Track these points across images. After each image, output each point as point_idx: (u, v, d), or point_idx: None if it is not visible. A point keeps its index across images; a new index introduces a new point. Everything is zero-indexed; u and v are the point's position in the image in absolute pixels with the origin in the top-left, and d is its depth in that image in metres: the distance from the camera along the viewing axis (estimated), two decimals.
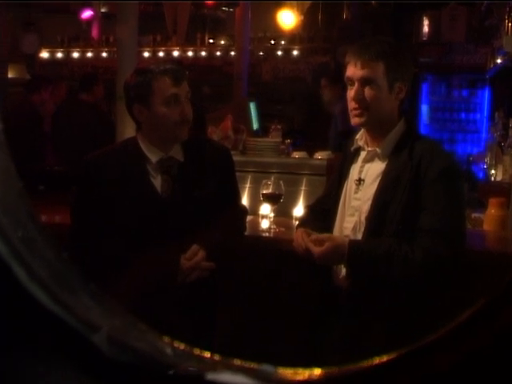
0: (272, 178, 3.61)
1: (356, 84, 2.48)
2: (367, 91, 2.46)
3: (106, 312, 0.62)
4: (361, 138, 2.60)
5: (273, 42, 10.63)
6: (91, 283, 0.63)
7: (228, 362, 0.58)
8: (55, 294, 0.58)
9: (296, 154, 4.66)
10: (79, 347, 0.57)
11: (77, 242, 2.65)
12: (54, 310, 0.57)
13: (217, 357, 0.59)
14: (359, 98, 2.47)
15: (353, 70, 2.48)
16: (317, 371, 0.55)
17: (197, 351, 0.60)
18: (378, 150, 2.52)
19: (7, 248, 0.57)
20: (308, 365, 0.59)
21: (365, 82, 2.46)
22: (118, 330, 0.60)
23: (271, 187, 3.53)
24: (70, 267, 0.63)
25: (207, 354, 0.59)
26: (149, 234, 2.59)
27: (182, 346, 0.60)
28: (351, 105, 2.51)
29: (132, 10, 5.86)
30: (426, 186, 2.41)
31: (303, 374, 0.55)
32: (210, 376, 0.55)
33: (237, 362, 0.58)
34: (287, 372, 0.57)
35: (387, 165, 2.50)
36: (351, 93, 2.50)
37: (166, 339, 0.60)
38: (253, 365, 0.58)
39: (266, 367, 0.57)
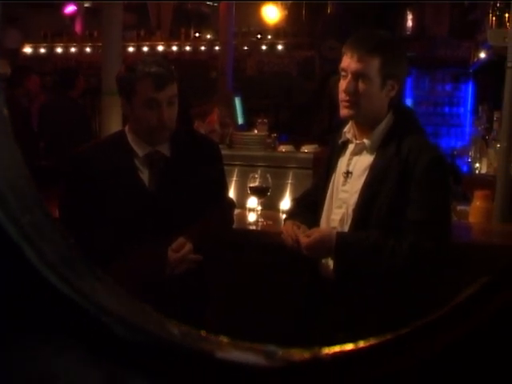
0: (259, 172, 3.62)
1: (349, 76, 2.47)
2: (359, 85, 2.46)
3: (113, 295, 0.63)
4: (349, 130, 2.61)
5: (259, 36, 10.61)
6: (97, 268, 0.64)
7: (234, 342, 0.60)
8: (65, 276, 0.59)
9: (282, 148, 4.66)
10: (90, 328, 0.58)
11: None
12: (66, 291, 0.58)
13: (223, 338, 0.60)
14: (351, 91, 2.47)
15: (348, 62, 2.48)
16: (321, 350, 0.56)
17: (203, 333, 0.61)
18: (366, 142, 2.53)
19: (17, 231, 0.58)
20: None
21: (358, 75, 2.46)
22: (126, 312, 0.61)
23: (258, 180, 3.54)
24: (76, 252, 0.64)
25: (214, 336, 0.61)
26: (137, 228, 2.59)
27: (188, 328, 0.61)
28: (342, 96, 2.51)
29: (117, 5, 5.86)
30: (414, 179, 2.42)
31: (307, 353, 0.57)
32: (221, 354, 0.56)
33: (243, 343, 0.59)
34: (292, 352, 0.58)
35: (375, 158, 2.51)
36: (343, 84, 2.50)
37: (173, 321, 0.61)
38: (258, 345, 0.59)
39: (271, 347, 0.58)
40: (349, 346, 0.57)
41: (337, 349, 0.57)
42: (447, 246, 2.48)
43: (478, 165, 5.79)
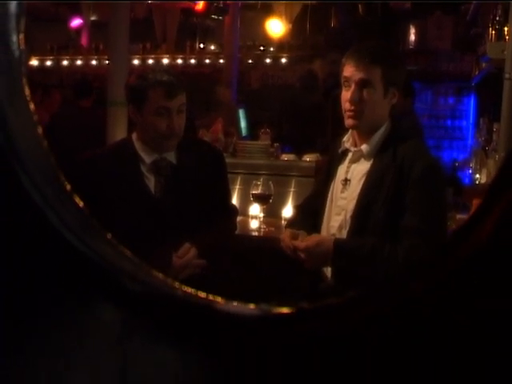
0: (261, 179, 3.66)
1: (353, 86, 2.50)
2: (364, 94, 2.50)
3: (123, 257, 0.71)
4: (347, 140, 2.63)
5: (262, 48, 10.69)
6: (108, 233, 0.72)
7: (232, 302, 0.66)
8: (82, 238, 0.66)
9: (285, 157, 4.73)
10: (105, 282, 0.66)
11: None
12: (84, 250, 0.66)
13: (222, 299, 0.67)
14: (355, 100, 2.50)
15: (350, 71, 2.51)
16: (306, 304, 0.63)
17: (203, 294, 0.68)
18: (363, 149, 2.56)
19: (42, 200, 0.66)
20: None
21: (362, 84, 2.49)
22: (135, 270, 0.68)
23: (261, 187, 3.59)
24: (90, 219, 0.72)
25: (212, 295, 0.68)
26: (142, 234, 2.63)
27: (189, 289, 0.68)
28: (346, 106, 2.53)
29: (123, 17, 5.94)
30: (409, 186, 2.44)
31: (292, 308, 0.63)
32: (218, 307, 0.63)
33: (239, 302, 0.66)
34: (281, 308, 0.65)
35: (371, 165, 2.54)
36: (347, 94, 2.52)
37: (176, 283, 0.68)
38: (252, 305, 0.66)
39: (264, 305, 0.65)
40: (334, 299, 0.64)
41: (325, 302, 0.63)
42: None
43: (478, 175, 5.83)
